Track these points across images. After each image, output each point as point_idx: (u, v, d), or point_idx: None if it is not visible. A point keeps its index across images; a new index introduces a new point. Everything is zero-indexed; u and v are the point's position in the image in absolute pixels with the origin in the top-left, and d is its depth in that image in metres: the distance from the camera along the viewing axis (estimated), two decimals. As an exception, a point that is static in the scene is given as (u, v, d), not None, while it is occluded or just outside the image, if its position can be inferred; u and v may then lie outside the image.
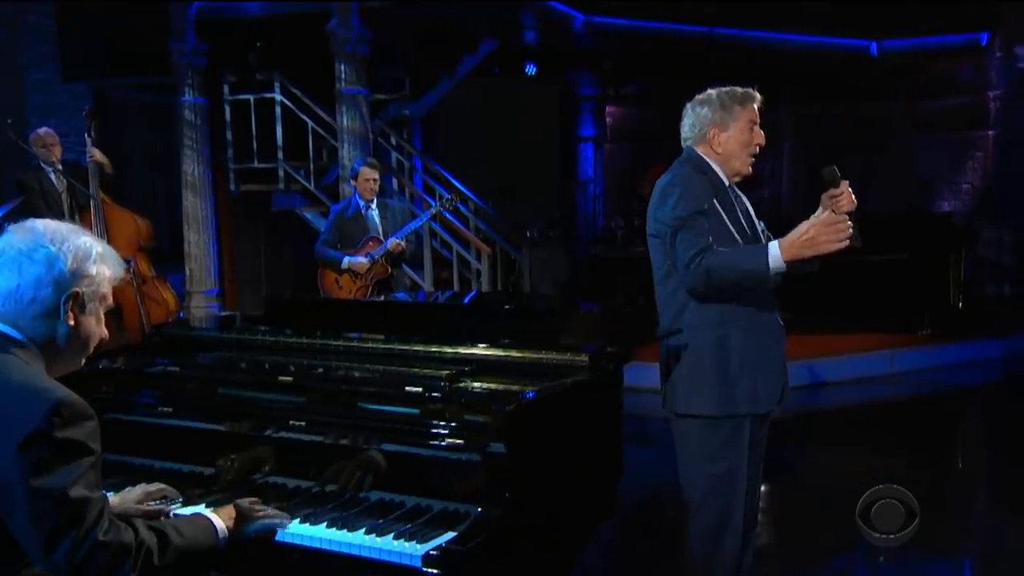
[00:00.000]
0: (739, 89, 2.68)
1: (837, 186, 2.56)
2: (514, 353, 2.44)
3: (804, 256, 2.40)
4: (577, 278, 9.56)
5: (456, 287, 7.98)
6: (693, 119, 2.69)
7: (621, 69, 10.99)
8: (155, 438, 2.36)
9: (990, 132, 10.73)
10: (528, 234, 9.38)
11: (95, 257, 1.75)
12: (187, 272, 8.07)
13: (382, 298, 4.13)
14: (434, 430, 2.08)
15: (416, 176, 9.28)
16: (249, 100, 8.11)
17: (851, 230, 2.45)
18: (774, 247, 2.43)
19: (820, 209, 2.53)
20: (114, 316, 6.03)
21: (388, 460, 2.13)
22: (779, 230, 2.84)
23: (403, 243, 5.35)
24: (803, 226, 2.40)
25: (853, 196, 2.54)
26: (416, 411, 2.17)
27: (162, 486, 2.15)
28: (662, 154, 3.19)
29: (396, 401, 2.20)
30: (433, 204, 6.79)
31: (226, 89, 8.12)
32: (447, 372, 2.36)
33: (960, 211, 10.71)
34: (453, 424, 2.06)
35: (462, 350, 2.51)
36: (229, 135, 8.21)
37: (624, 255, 9.04)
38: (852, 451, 5.57)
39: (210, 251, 8.10)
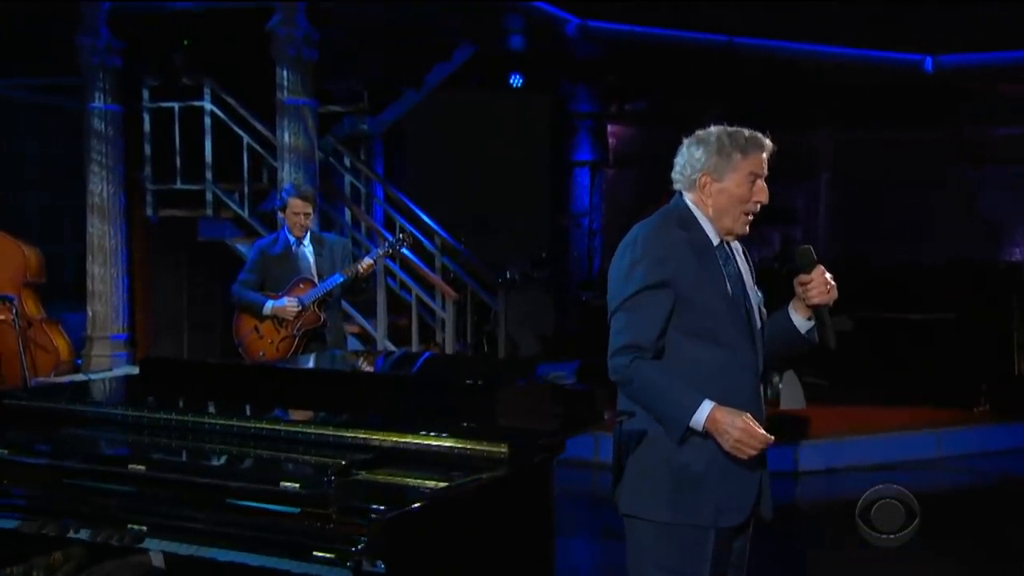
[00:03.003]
0: (746, 132, 2.67)
1: (809, 271, 2.56)
2: (421, 440, 2.40)
3: (718, 440, 2.49)
4: (564, 329, 9.54)
5: (415, 337, 7.93)
6: (685, 160, 2.69)
7: (626, 83, 11.09)
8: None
9: (1070, 167, 10.82)
10: (508, 275, 9.38)
11: None
12: (89, 314, 8.02)
13: (309, 364, 4.08)
14: (301, 539, 2.03)
15: (376, 207, 9.29)
16: (173, 109, 8.13)
17: (825, 329, 2.55)
18: (705, 409, 2.49)
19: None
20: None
21: None
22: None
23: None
24: (739, 420, 2.47)
25: (830, 287, 2.56)
26: (295, 511, 2.13)
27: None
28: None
29: (264, 499, 2.16)
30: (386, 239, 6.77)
31: (146, 95, 8.15)
32: (340, 463, 2.31)
33: (1031, 260, 10.76)
34: (324, 533, 2.02)
35: (362, 434, 2.47)
36: (148, 150, 8.21)
37: (623, 303, 9.01)
38: (883, 553, 5.46)
39: (119, 288, 8.07)
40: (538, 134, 11.20)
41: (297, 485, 2.17)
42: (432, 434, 2.40)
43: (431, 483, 2.19)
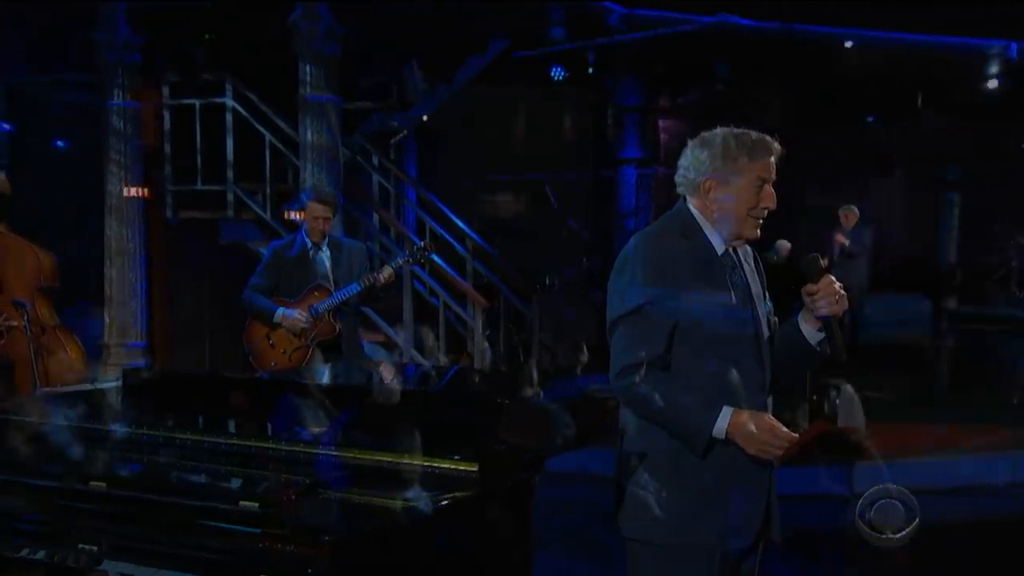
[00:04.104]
0: (753, 135, 2.67)
1: (816, 280, 2.54)
2: (393, 458, 2.43)
3: (742, 444, 2.49)
4: (607, 338, 9.47)
5: (443, 347, 7.95)
6: (689, 163, 2.70)
7: (676, 74, 10.99)
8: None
9: None
10: (547, 281, 9.34)
11: None
12: (106, 320, 8.18)
13: (304, 377, 4.13)
14: (259, 562, 2.06)
15: (408, 210, 9.32)
16: (194, 106, 8.27)
17: (835, 340, 2.54)
18: (725, 417, 2.48)
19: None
20: (3, 373, 6.12)
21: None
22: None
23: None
24: (763, 421, 2.47)
25: (839, 297, 2.54)
26: (255, 531, 2.17)
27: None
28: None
29: (223, 518, 2.19)
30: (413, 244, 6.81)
31: (166, 92, 8.30)
32: (305, 481, 2.34)
33: None
34: (282, 555, 2.05)
35: (334, 452, 2.51)
36: (168, 148, 8.36)
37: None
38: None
39: (137, 293, 8.21)
40: (581, 130, 11.16)
41: (256, 504, 2.20)
42: (405, 452, 2.43)
43: (398, 502, 2.21)
